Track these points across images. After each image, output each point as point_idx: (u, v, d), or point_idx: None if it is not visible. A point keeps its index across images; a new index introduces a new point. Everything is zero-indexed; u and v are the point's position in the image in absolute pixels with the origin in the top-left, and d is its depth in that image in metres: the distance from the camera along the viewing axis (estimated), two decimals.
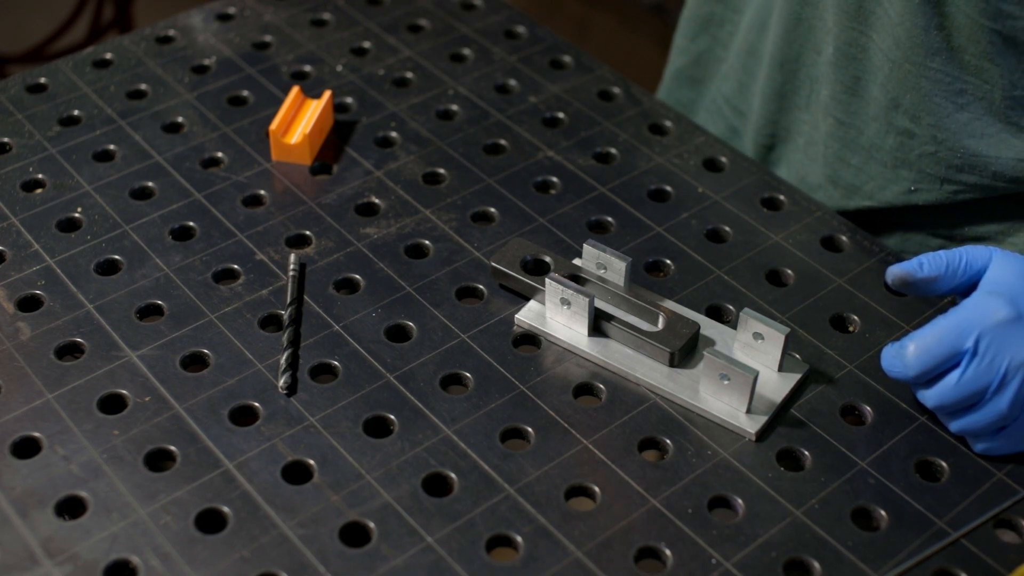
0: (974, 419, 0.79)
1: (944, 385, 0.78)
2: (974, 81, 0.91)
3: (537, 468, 0.81)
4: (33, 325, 0.89)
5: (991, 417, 0.78)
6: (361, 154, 1.05)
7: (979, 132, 0.93)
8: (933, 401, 0.80)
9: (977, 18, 0.88)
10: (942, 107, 0.93)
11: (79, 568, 0.74)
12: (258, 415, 0.83)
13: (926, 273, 0.82)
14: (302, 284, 0.93)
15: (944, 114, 0.93)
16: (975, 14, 0.88)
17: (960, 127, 0.93)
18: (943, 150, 0.94)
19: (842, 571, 0.75)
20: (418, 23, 1.20)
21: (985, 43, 0.89)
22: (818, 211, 1.00)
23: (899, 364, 0.80)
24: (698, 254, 0.96)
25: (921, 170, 0.95)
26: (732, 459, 0.81)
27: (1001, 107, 0.92)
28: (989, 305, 0.78)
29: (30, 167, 1.03)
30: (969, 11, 0.88)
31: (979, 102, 0.92)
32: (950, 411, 0.80)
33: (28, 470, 0.79)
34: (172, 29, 1.18)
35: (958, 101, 0.92)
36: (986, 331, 0.77)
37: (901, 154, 0.96)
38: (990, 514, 0.79)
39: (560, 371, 0.87)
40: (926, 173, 0.95)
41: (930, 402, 0.80)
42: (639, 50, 2.44)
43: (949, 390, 0.78)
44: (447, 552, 0.76)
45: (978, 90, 0.91)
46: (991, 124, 0.93)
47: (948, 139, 0.94)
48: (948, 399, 0.78)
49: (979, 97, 0.92)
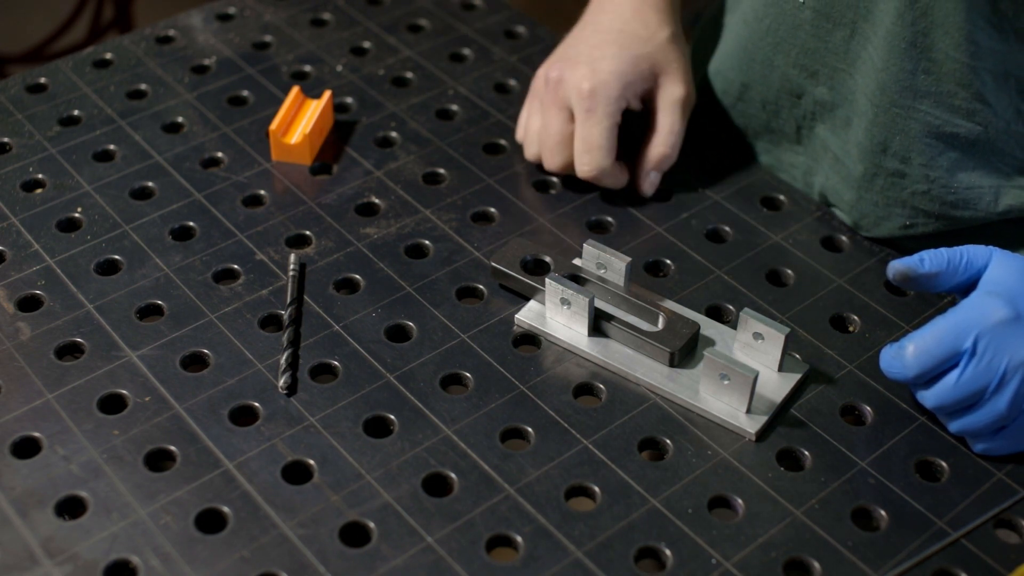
0: (973, 419, 0.79)
1: (943, 385, 0.78)
2: (966, 124, 0.89)
3: (537, 468, 0.81)
4: (33, 325, 0.89)
5: (990, 417, 0.78)
6: (361, 154, 1.05)
7: (972, 166, 0.92)
8: (932, 401, 0.80)
9: (967, 61, 0.86)
10: (933, 147, 0.91)
11: (79, 568, 0.74)
12: (258, 415, 0.83)
13: (927, 269, 0.81)
14: (302, 284, 0.93)
15: (935, 153, 0.92)
16: (964, 57, 0.86)
17: (952, 163, 0.92)
18: (936, 188, 0.93)
19: (842, 571, 0.75)
20: (418, 23, 1.20)
21: (977, 85, 0.87)
22: (818, 211, 1.00)
23: (898, 365, 0.80)
24: (698, 254, 0.96)
25: (915, 207, 0.94)
26: (732, 459, 0.81)
27: (997, 144, 0.90)
28: (988, 305, 0.78)
29: (30, 167, 1.03)
30: (958, 56, 0.86)
31: (972, 144, 0.90)
32: (949, 411, 0.80)
33: (28, 470, 0.79)
34: (172, 29, 1.18)
35: (950, 142, 0.91)
36: (985, 331, 0.77)
37: (893, 193, 0.95)
38: (990, 514, 0.79)
39: (560, 371, 0.87)
40: (920, 210, 0.94)
41: (929, 402, 0.80)
42: None
43: (948, 390, 0.78)
44: (447, 552, 0.76)
45: (971, 132, 0.90)
46: (986, 160, 0.91)
47: (941, 177, 0.92)
48: (947, 399, 0.78)
49: (971, 140, 0.90)
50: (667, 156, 0.99)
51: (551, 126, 0.98)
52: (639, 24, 0.99)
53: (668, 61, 0.99)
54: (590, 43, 0.99)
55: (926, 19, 0.86)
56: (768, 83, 1.00)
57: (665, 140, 0.99)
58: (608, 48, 0.98)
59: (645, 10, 1.00)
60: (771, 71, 0.99)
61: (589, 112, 0.96)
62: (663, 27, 1.00)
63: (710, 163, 1.05)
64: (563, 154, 0.99)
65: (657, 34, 0.99)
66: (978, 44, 0.85)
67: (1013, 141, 0.90)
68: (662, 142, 0.99)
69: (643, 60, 0.98)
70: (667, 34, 0.99)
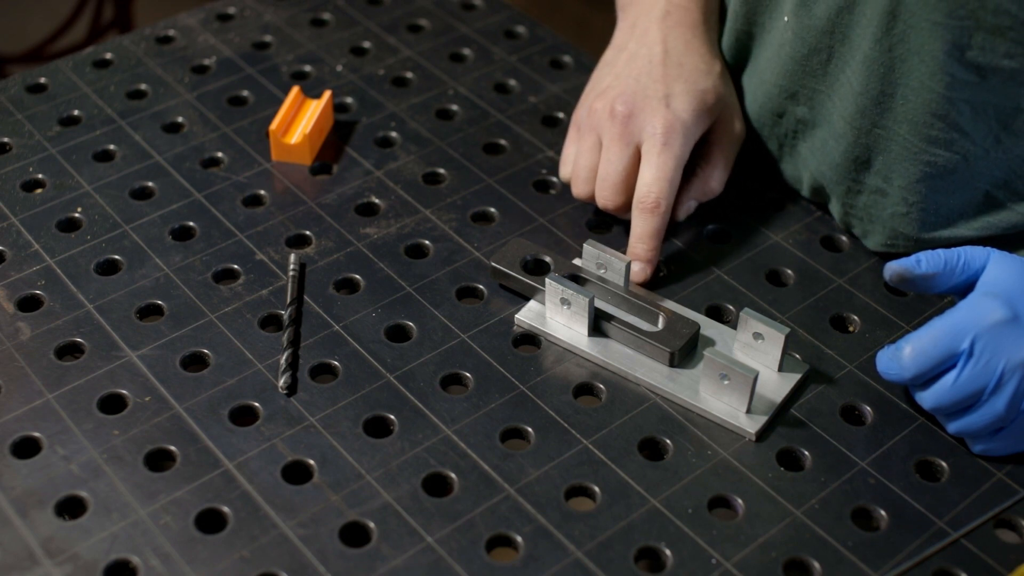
0: (971, 420, 0.79)
1: (941, 387, 0.78)
2: (944, 153, 0.88)
3: (537, 468, 0.81)
4: (33, 325, 0.89)
5: (988, 418, 0.78)
6: (361, 154, 1.05)
7: (951, 190, 0.91)
8: (930, 403, 0.80)
9: (943, 92, 0.85)
10: (911, 171, 0.90)
11: (79, 568, 0.74)
12: (258, 415, 0.83)
13: (924, 270, 0.81)
14: (302, 284, 0.93)
15: (913, 178, 0.90)
16: (940, 88, 0.85)
17: (930, 189, 0.90)
18: (915, 211, 0.92)
19: (842, 571, 0.75)
20: (418, 23, 1.20)
21: (954, 115, 0.86)
22: (818, 211, 1.00)
23: (895, 366, 0.80)
24: (698, 254, 0.96)
25: (894, 228, 0.94)
26: (732, 459, 0.81)
27: (976, 170, 0.89)
28: (985, 306, 0.77)
29: (30, 167, 1.03)
30: (934, 85, 0.85)
31: (951, 171, 0.89)
32: (947, 412, 0.80)
33: (28, 470, 0.79)
34: (172, 29, 1.18)
35: (928, 170, 0.90)
36: (982, 333, 0.77)
37: (875, 211, 0.94)
38: (990, 514, 0.79)
39: (560, 371, 0.87)
40: (899, 232, 0.94)
41: (927, 403, 0.80)
42: None
43: (946, 392, 0.78)
44: (447, 552, 0.76)
45: (948, 161, 0.89)
46: (966, 184, 0.90)
47: (919, 201, 0.91)
48: (945, 400, 0.78)
49: (950, 168, 0.89)
50: (716, 193, 0.98)
51: (614, 163, 0.94)
52: (697, 57, 0.96)
53: (728, 94, 0.98)
54: (652, 76, 0.95)
55: (903, 46, 0.85)
56: (754, 99, 1.00)
57: (720, 177, 0.97)
58: (675, 84, 0.94)
59: (696, 43, 0.97)
60: (758, 87, 0.99)
61: (665, 146, 0.92)
62: (715, 60, 0.98)
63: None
64: (626, 193, 0.94)
65: (713, 67, 0.97)
66: (953, 76, 0.84)
67: (993, 165, 0.89)
68: (717, 179, 0.97)
69: (709, 95, 0.95)
70: (720, 67, 0.98)
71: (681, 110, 0.93)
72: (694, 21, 0.98)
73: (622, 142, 0.94)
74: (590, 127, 0.96)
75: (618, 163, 0.94)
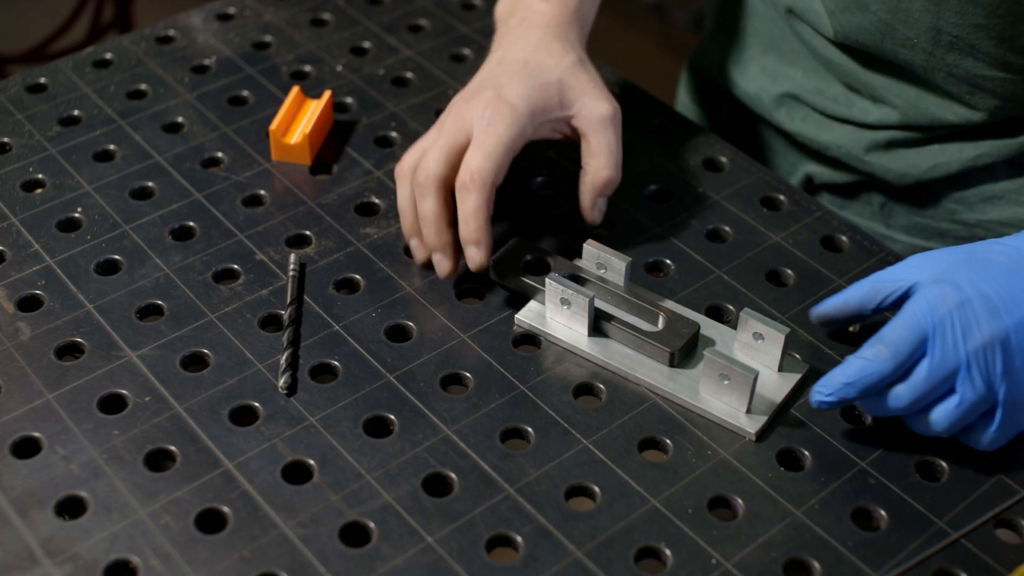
0: (959, 409, 0.77)
1: (916, 378, 0.78)
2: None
3: (537, 468, 0.81)
4: (33, 325, 0.89)
5: (972, 399, 0.77)
6: (361, 154, 1.05)
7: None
8: (907, 398, 0.78)
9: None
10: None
11: (79, 568, 0.74)
12: (258, 415, 0.83)
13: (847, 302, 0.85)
14: (302, 284, 0.93)
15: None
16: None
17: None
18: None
19: (842, 571, 0.75)
20: (418, 23, 1.20)
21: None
22: (818, 211, 1.00)
23: (873, 366, 0.78)
24: (698, 254, 0.96)
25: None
26: (732, 459, 0.81)
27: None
28: (935, 293, 0.78)
29: (30, 167, 1.03)
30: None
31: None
32: (924, 405, 0.79)
33: (28, 470, 0.80)
34: (172, 29, 1.18)
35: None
36: (941, 316, 0.77)
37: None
38: (990, 514, 0.79)
39: (560, 371, 0.87)
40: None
41: (904, 400, 0.78)
42: (639, 50, 2.44)
43: (921, 381, 0.77)
44: (447, 552, 0.76)
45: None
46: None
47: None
48: (922, 388, 0.78)
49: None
50: (611, 179, 0.94)
51: (440, 141, 0.91)
52: (544, 53, 0.95)
53: (581, 83, 0.94)
54: (493, 74, 0.95)
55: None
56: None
57: (605, 163, 0.93)
58: (514, 76, 0.93)
59: (549, 40, 0.96)
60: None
61: (489, 126, 0.90)
62: (568, 53, 0.96)
63: (710, 163, 1.05)
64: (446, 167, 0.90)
65: (562, 61, 0.95)
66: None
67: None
68: (603, 164, 0.93)
69: (552, 86, 0.93)
70: (572, 59, 0.96)
71: (511, 96, 0.92)
72: (548, 22, 0.98)
73: (452, 128, 0.92)
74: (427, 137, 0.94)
75: (444, 141, 0.91)
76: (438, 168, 0.90)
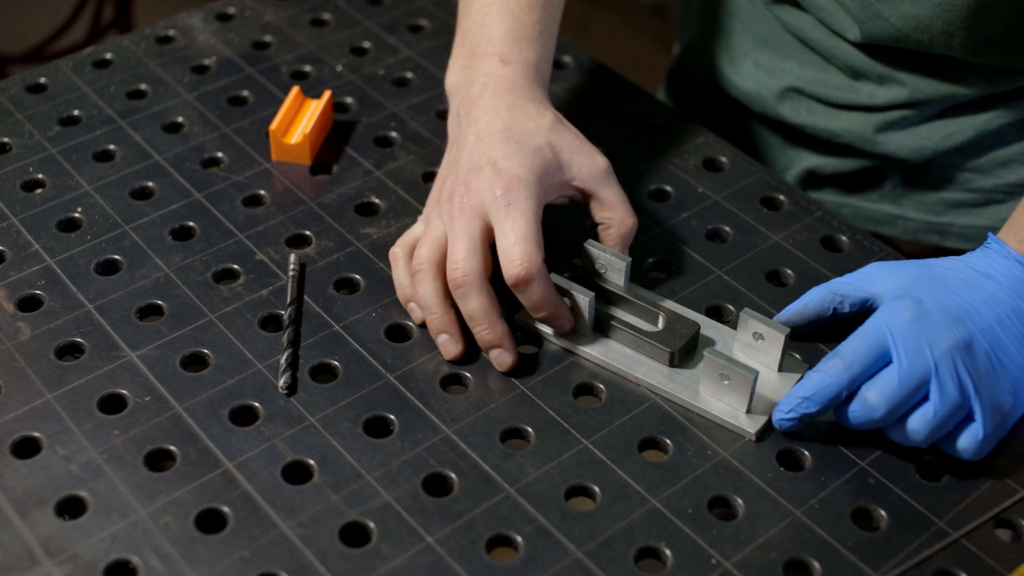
0: (936, 417, 0.77)
1: (887, 383, 0.78)
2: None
3: (537, 468, 0.81)
4: (33, 325, 0.89)
5: (949, 405, 0.77)
6: (361, 154, 1.05)
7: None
8: (883, 406, 0.78)
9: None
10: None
11: (79, 568, 0.74)
12: (258, 415, 0.83)
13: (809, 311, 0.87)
14: (302, 284, 0.93)
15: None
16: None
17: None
18: None
19: (842, 571, 0.75)
20: (418, 23, 1.20)
21: None
22: (818, 211, 1.00)
23: (830, 378, 0.79)
24: (698, 254, 0.96)
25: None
26: (732, 459, 0.81)
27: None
28: (895, 308, 0.80)
29: (30, 167, 1.03)
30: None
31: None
32: (899, 414, 0.79)
33: (28, 470, 0.80)
34: (172, 29, 1.18)
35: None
36: (898, 329, 0.78)
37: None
38: (990, 514, 0.79)
39: (560, 371, 0.87)
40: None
41: (881, 408, 0.78)
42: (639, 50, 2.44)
43: (894, 389, 0.78)
44: (447, 552, 0.76)
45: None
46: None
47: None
48: (896, 395, 0.78)
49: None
50: (635, 225, 0.92)
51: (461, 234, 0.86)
52: (523, 118, 0.91)
53: (568, 142, 0.91)
54: (479, 150, 0.89)
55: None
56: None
57: (625, 212, 0.92)
58: (504, 147, 0.89)
59: (523, 103, 0.91)
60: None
61: (510, 206, 0.85)
62: (544, 114, 0.92)
63: (710, 163, 1.05)
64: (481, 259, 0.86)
65: (542, 123, 0.91)
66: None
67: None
68: (625, 214, 0.92)
69: (545, 150, 0.89)
70: (551, 119, 0.92)
71: (513, 168, 0.87)
72: (513, 84, 0.93)
73: (466, 215, 0.87)
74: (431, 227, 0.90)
75: (465, 233, 0.86)
76: (474, 264, 0.85)
